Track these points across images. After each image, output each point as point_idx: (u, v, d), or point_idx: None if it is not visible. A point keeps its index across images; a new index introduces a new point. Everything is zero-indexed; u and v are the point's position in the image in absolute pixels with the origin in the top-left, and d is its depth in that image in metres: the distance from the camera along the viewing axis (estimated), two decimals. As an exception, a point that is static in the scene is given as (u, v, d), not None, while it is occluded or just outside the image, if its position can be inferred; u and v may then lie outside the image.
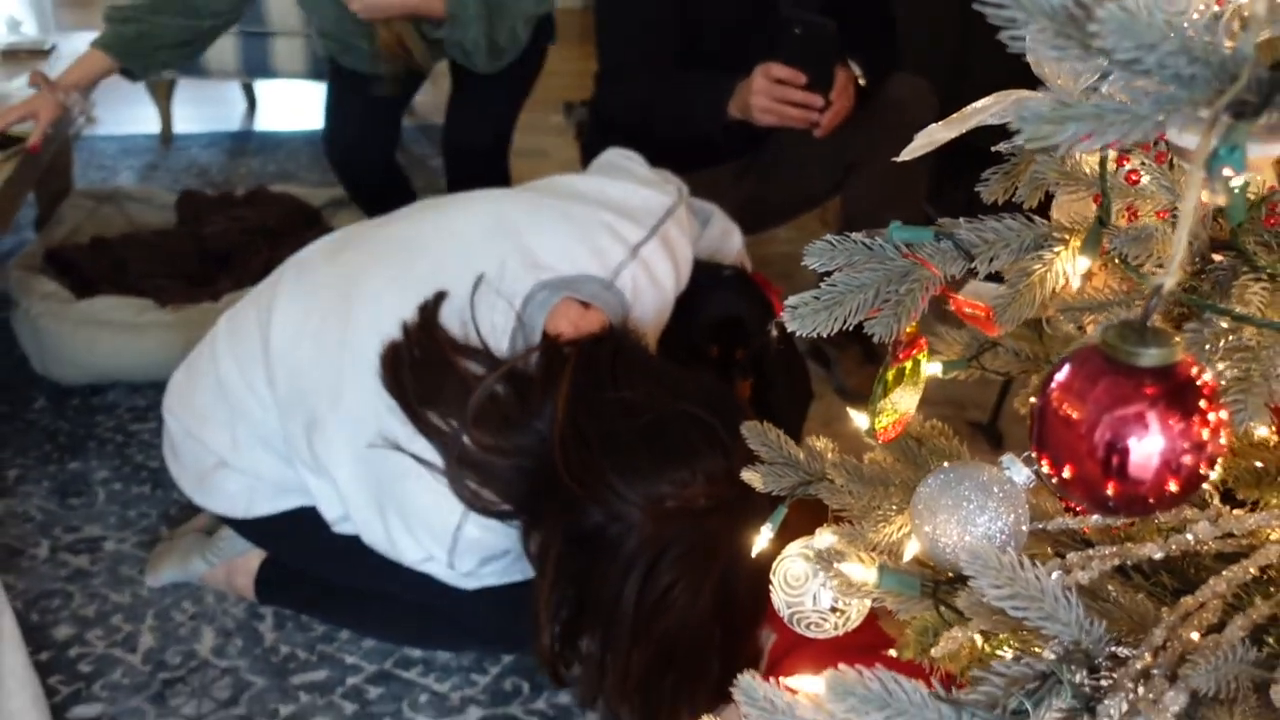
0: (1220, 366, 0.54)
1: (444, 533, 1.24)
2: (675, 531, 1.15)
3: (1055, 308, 0.63)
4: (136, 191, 2.51)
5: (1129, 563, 0.58)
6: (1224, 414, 0.45)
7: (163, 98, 3.36)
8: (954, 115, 0.65)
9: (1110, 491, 0.45)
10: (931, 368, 0.70)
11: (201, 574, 1.55)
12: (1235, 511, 0.60)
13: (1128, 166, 0.60)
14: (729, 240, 1.63)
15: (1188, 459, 0.44)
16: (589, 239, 1.33)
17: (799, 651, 1.23)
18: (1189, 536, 0.56)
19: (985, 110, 0.64)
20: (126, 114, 3.49)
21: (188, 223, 2.40)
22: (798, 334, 0.60)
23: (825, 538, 0.67)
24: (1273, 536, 0.58)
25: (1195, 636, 0.52)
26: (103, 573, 1.60)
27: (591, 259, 1.31)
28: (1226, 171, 0.34)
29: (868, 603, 0.67)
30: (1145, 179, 0.59)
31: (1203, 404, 0.44)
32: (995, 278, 0.68)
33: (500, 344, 1.25)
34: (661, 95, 1.93)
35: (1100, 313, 0.61)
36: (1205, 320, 0.55)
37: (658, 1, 1.94)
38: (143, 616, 1.52)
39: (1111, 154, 0.60)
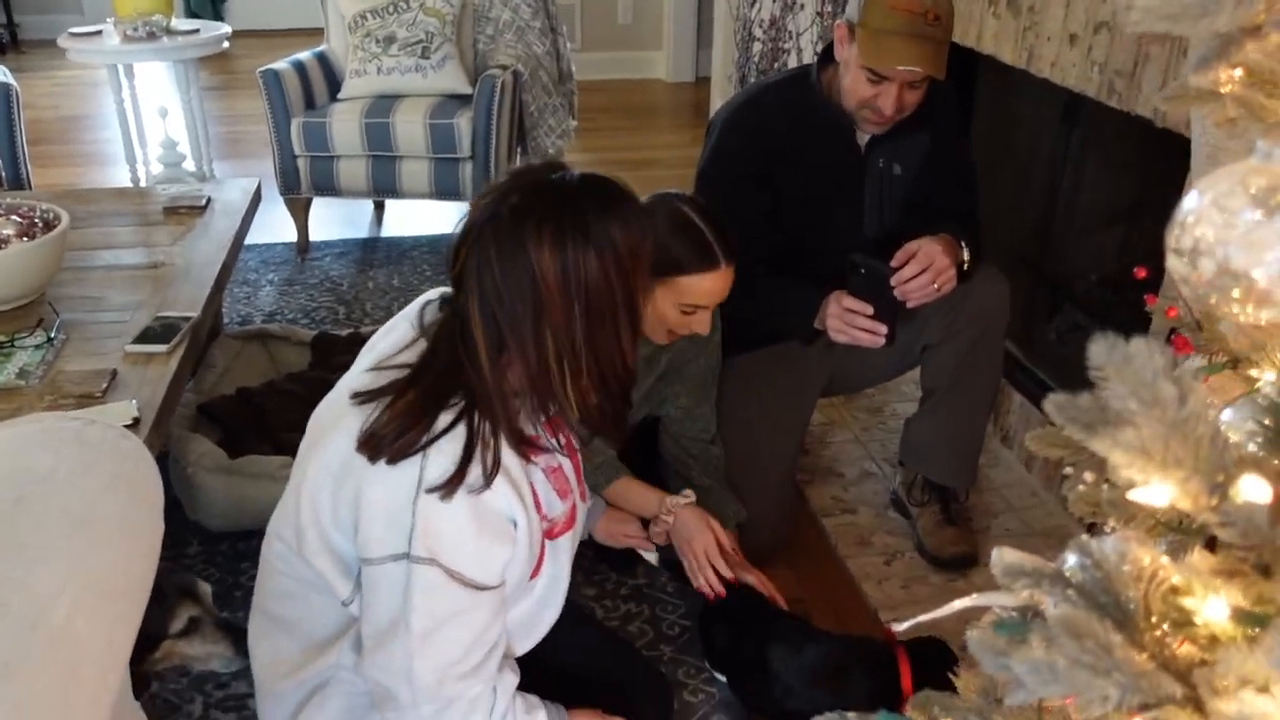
0: None
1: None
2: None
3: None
4: (277, 330, 2.77)
5: None
6: None
7: (300, 213, 3.65)
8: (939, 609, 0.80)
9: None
10: None
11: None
12: None
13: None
14: None
15: None
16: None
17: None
18: None
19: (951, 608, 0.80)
20: (268, 223, 3.80)
21: (319, 364, 2.65)
22: None
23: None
24: None
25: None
26: (246, 732, 1.83)
27: None
28: None
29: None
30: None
31: None
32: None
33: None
34: (758, 294, 2.08)
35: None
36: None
37: (755, 194, 2.09)
38: (280, 780, 1.74)
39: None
